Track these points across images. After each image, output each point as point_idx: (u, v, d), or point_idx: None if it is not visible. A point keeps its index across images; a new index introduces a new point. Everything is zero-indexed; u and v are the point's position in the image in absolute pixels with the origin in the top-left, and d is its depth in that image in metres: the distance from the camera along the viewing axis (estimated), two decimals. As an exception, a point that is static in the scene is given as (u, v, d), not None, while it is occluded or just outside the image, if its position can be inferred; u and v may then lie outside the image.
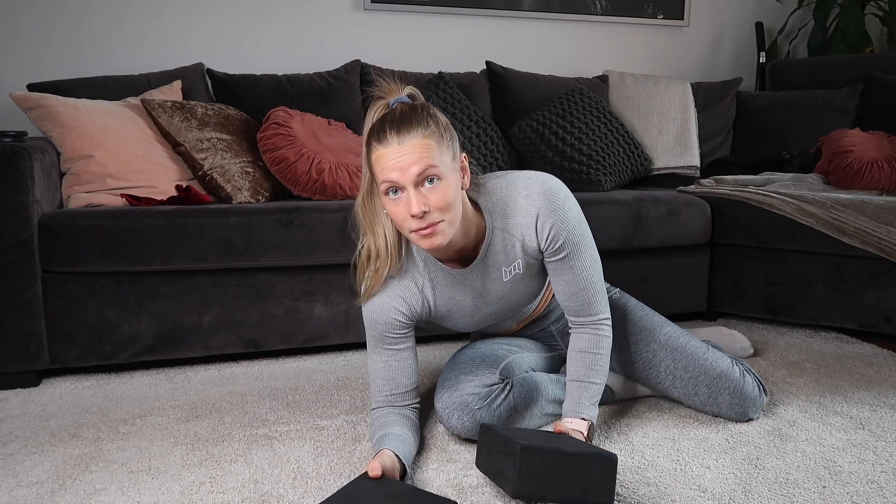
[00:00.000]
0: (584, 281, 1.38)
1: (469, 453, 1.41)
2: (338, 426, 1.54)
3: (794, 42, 3.54)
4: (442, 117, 1.27)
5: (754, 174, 2.62)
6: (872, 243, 2.04)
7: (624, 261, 2.23)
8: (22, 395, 1.73)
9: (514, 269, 1.40)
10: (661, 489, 1.27)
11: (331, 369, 1.91)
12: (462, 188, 1.28)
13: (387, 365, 1.39)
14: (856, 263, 2.11)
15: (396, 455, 1.26)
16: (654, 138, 2.76)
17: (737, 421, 1.55)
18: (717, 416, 1.57)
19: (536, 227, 1.33)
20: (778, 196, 2.22)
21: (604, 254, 2.17)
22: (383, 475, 1.20)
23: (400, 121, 1.22)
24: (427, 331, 2.05)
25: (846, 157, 2.50)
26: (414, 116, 1.22)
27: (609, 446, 1.44)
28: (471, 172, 1.33)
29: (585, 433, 1.34)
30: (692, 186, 2.52)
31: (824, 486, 1.28)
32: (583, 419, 1.36)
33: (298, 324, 1.94)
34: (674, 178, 2.77)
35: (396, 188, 1.21)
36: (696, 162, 2.76)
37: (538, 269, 1.43)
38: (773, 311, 2.25)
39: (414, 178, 1.20)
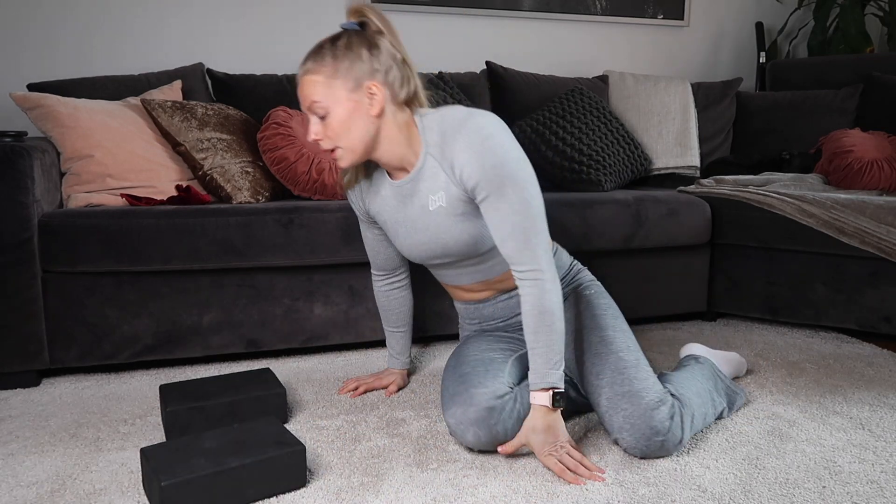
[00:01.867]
0: (511, 226, 1.34)
1: (468, 452, 1.41)
2: (338, 426, 1.54)
3: (794, 42, 3.54)
4: (349, 51, 1.34)
5: (754, 174, 2.62)
6: (872, 243, 2.04)
7: (624, 261, 2.23)
8: (22, 395, 1.73)
9: (439, 200, 1.43)
10: (661, 489, 1.27)
11: (331, 369, 1.91)
12: (371, 114, 1.37)
13: (365, 236, 1.67)
14: (856, 263, 2.11)
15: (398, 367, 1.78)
16: (654, 138, 2.76)
17: (627, 451, 1.39)
18: (614, 442, 1.43)
19: (458, 163, 1.37)
20: (778, 196, 2.22)
21: (604, 254, 2.19)
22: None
23: (307, 55, 1.37)
24: (426, 331, 2.06)
25: (846, 157, 2.50)
26: (317, 52, 1.36)
27: (609, 446, 1.44)
28: (424, 103, 1.44)
29: (549, 404, 1.33)
30: (692, 186, 2.52)
31: (824, 486, 1.28)
32: (544, 390, 1.33)
33: (298, 324, 1.94)
34: (674, 178, 2.77)
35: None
36: (696, 162, 2.76)
37: (466, 210, 1.42)
38: (773, 311, 2.25)
39: (306, 109, 1.38)
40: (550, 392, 1.33)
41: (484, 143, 1.33)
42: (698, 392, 1.50)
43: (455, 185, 1.40)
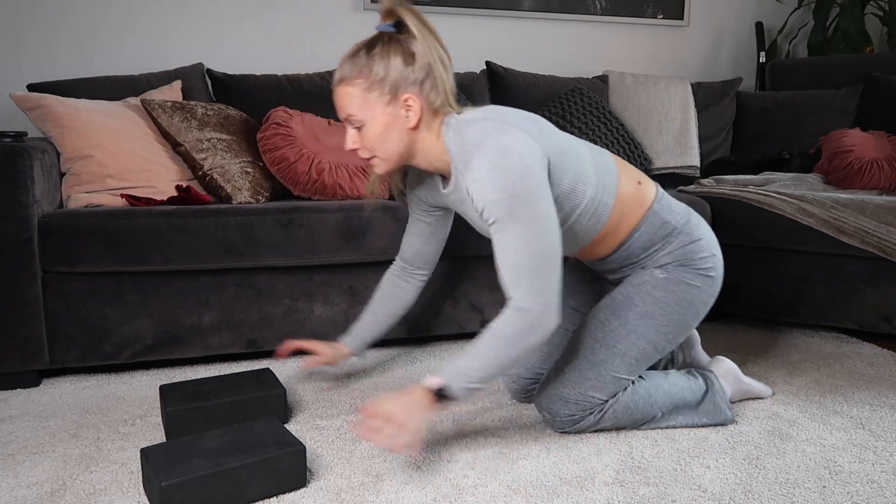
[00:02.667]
0: (503, 258, 1.27)
1: (468, 452, 1.41)
2: (338, 426, 1.54)
3: (794, 42, 3.54)
4: (386, 61, 1.30)
5: (754, 174, 2.62)
6: (872, 243, 2.04)
7: (624, 261, 2.23)
8: (22, 395, 1.73)
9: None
10: (661, 489, 1.27)
11: (331, 369, 1.91)
12: (408, 127, 1.34)
13: (409, 222, 1.65)
14: (856, 263, 2.11)
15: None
16: (654, 138, 2.76)
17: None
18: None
19: (470, 186, 1.29)
20: (778, 196, 2.22)
21: (604, 254, 2.19)
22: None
23: (342, 61, 1.34)
24: (427, 330, 2.06)
25: (846, 157, 2.50)
26: (353, 59, 1.32)
27: (609, 447, 1.44)
28: (453, 105, 1.37)
29: (431, 391, 1.25)
30: (692, 186, 2.52)
31: (824, 486, 1.28)
32: (440, 382, 1.26)
33: (298, 324, 1.94)
34: (674, 178, 2.77)
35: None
36: (696, 162, 2.76)
37: None
38: (773, 311, 2.25)
39: (343, 119, 1.37)
40: (442, 385, 1.25)
41: (496, 166, 1.24)
42: (660, 394, 1.51)
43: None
